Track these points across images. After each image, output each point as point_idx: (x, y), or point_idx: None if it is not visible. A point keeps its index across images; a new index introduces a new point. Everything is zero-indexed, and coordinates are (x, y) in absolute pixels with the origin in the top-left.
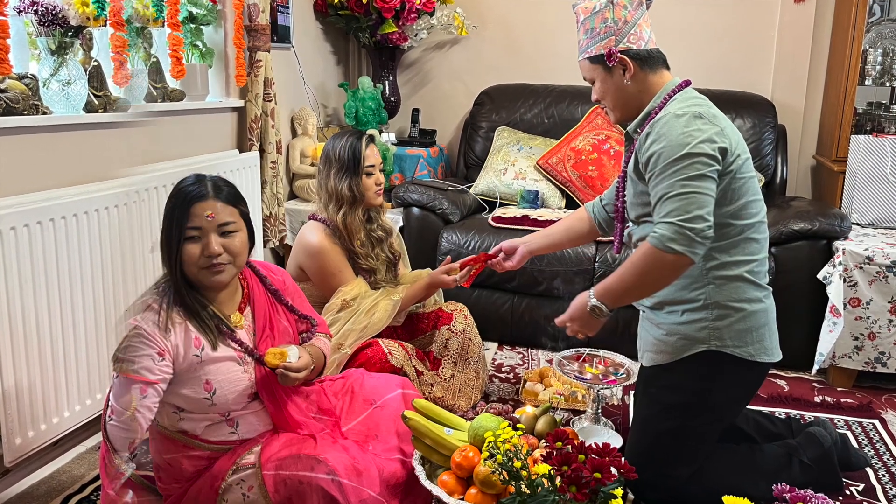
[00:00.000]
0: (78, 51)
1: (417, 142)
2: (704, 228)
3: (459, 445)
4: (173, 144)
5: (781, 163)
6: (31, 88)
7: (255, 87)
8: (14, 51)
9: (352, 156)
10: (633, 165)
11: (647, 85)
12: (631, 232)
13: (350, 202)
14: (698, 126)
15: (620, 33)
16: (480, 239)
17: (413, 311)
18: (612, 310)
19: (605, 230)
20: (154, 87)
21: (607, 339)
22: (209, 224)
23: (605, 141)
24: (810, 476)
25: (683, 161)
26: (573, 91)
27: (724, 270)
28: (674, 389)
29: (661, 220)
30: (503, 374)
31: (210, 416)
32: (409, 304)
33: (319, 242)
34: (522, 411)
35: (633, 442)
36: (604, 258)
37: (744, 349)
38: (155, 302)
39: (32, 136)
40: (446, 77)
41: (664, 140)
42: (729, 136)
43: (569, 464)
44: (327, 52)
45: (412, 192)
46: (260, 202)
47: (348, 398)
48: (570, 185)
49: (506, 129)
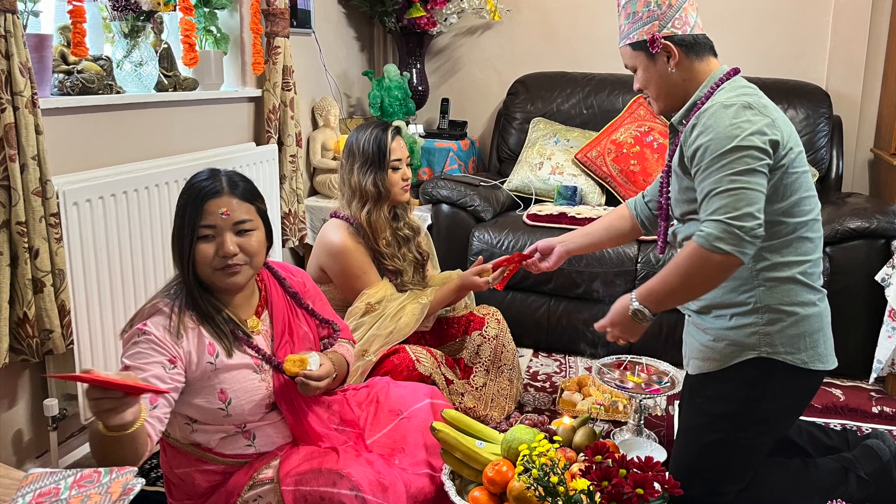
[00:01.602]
0: (149, 34)
1: (447, 134)
2: (754, 227)
3: (492, 459)
4: (185, 137)
5: (837, 156)
6: (105, 69)
7: (274, 75)
8: (89, 34)
9: (377, 149)
10: (677, 159)
11: (692, 73)
12: (675, 230)
13: (375, 199)
14: (748, 117)
15: (664, 18)
16: (514, 238)
17: (442, 315)
18: (655, 314)
19: (647, 229)
20: (165, 76)
21: (650, 345)
22: (224, 222)
23: (647, 133)
24: (867, 492)
25: (732, 154)
26: (614, 80)
27: (775, 272)
28: (721, 399)
29: (707, 217)
30: (539, 383)
31: (225, 428)
32: (438, 307)
33: (342, 242)
34: (559, 423)
35: (678, 455)
36: (646, 258)
37: (796, 356)
38: (166, 305)
39: (106, 115)
40: (478, 65)
41: (711, 132)
42: (781, 127)
43: (609, 479)
44: (350, 37)
45: (441, 188)
46: (278, 198)
47: (373, 408)
48: (610, 181)
49: (542, 121)
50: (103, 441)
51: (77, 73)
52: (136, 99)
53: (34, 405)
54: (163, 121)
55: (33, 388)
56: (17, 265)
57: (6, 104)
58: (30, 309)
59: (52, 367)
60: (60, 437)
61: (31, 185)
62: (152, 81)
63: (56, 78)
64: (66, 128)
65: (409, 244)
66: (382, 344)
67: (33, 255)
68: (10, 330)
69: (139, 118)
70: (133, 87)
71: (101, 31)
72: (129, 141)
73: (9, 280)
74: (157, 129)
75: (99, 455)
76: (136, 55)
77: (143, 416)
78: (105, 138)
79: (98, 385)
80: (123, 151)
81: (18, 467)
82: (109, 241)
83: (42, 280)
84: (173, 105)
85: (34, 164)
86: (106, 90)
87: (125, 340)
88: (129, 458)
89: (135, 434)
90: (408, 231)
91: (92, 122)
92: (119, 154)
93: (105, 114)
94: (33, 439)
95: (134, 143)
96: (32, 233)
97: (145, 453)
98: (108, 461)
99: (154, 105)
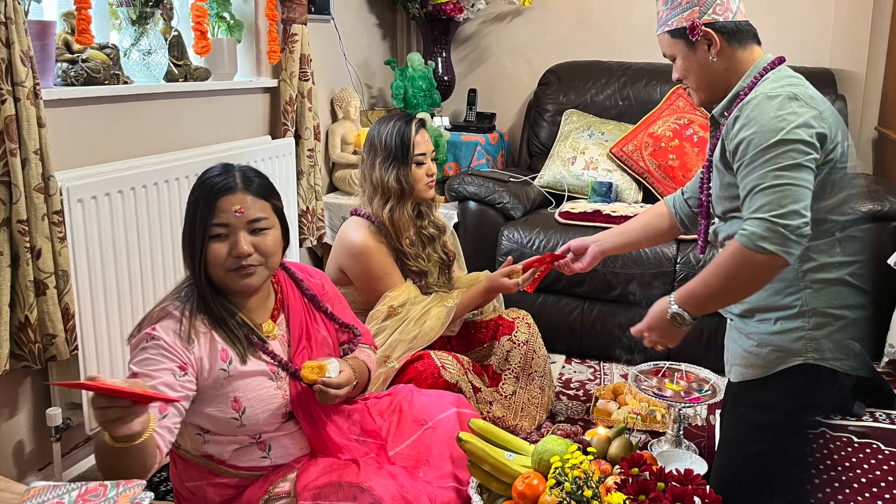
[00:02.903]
0: (158, 21)
1: (474, 127)
2: (801, 225)
3: (522, 472)
4: (196, 130)
5: None
6: (111, 58)
7: (290, 64)
8: (95, 21)
9: (400, 143)
10: (719, 154)
11: (734, 62)
12: (717, 229)
13: (398, 195)
14: (794, 109)
15: (705, 3)
16: (546, 237)
17: (469, 319)
18: (695, 318)
19: (687, 227)
20: (175, 65)
21: (690, 351)
22: (238, 220)
23: (687, 126)
24: None
25: (777, 148)
26: (651, 69)
27: (823, 273)
28: (766, 408)
29: (751, 215)
30: (572, 391)
31: (238, 439)
32: (465, 311)
33: (363, 241)
34: (594, 433)
35: (720, 467)
36: (686, 259)
37: (845, 362)
38: (176, 309)
39: (113, 106)
40: (507, 53)
41: (755, 125)
42: (829, 120)
43: (646, 493)
44: (372, 24)
45: (468, 185)
46: (295, 195)
47: (396, 418)
48: (647, 176)
49: (574, 113)
50: (110, 452)
51: (82, 63)
52: (145, 90)
53: (36, 414)
54: (173, 113)
55: (35, 396)
56: (19, 266)
57: (7, 95)
58: (31, 312)
59: (55, 374)
60: (64, 448)
61: (34, 181)
62: (162, 71)
63: (60, 67)
64: (70, 120)
65: (434, 244)
66: (406, 349)
67: (35, 256)
68: (10, 335)
69: (148, 110)
70: (141, 77)
71: (108, 18)
72: (136, 134)
73: (9, 282)
74: (167, 121)
75: (105, 467)
76: (145, 43)
77: (151, 426)
78: (111, 131)
79: (104, 393)
80: (131, 145)
81: (20, 480)
82: (116, 241)
83: (44, 282)
84: (184, 96)
85: (36, 158)
86: (112, 80)
87: (133, 346)
88: (137, 470)
89: (143, 445)
90: (433, 230)
91: (97, 114)
92: (126, 148)
93: (111, 105)
94: (35, 450)
95: (142, 136)
96: (34, 232)
97: (154, 465)
98: (114, 473)
99: (163, 96)
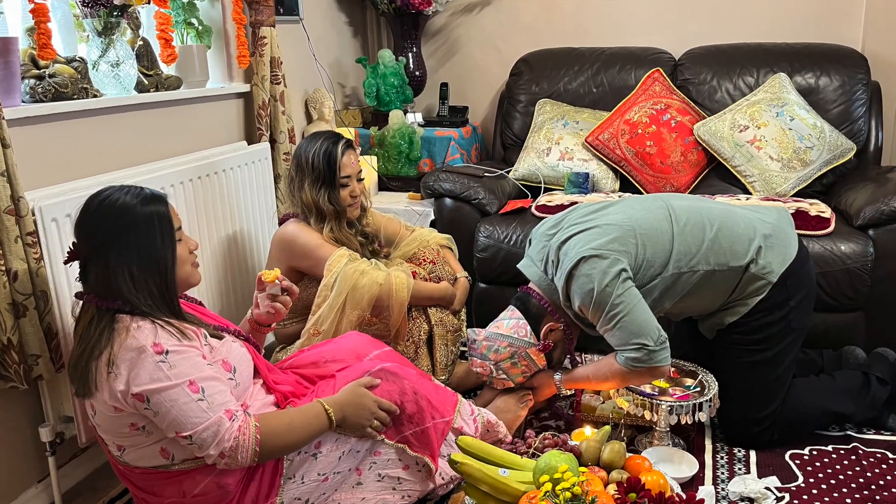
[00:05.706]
0: (125, 30)
1: (447, 121)
2: (656, 339)
3: (521, 488)
4: (171, 140)
5: (876, 126)
6: (79, 72)
7: (261, 68)
8: (62, 34)
9: (326, 165)
10: None
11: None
12: None
13: (335, 216)
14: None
15: None
16: (523, 231)
17: None
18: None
19: None
20: (145, 75)
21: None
22: None
23: (664, 111)
24: (888, 391)
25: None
26: (625, 54)
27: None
28: (757, 329)
29: (619, 350)
30: None
31: None
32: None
33: (292, 229)
34: (580, 434)
35: (732, 386)
36: None
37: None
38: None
39: (83, 121)
40: (477, 45)
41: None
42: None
43: None
44: (341, 23)
45: (443, 181)
46: (274, 199)
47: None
48: (624, 164)
49: (548, 102)
50: None
51: (49, 78)
52: (115, 102)
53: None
54: (145, 124)
55: (28, 413)
56: None
57: None
58: (13, 335)
59: (46, 391)
60: (59, 461)
61: (2, 203)
62: (132, 82)
63: (28, 84)
64: (39, 138)
65: (373, 245)
66: (337, 310)
67: (12, 279)
68: None
69: (119, 123)
70: (111, 89)
71: (74, 31)
72: (109, 148)
73: None
74: (140, 133)
75: None
76: (112, 54)
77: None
78: (83, 146)
79: None
80: (105, 160)
81: (15, 496)
82: None
83: (24, 304)
84: (156, 106)
85: (3, 180)
86: (81, 94)
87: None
88: None
89: None
90: (361, 238)
91: (68, 129)
92: (99, 163)
93: (81, 120)
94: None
95: (115, 149)
96: (9, 255)
97: None
98: None
99: (135, 108)
